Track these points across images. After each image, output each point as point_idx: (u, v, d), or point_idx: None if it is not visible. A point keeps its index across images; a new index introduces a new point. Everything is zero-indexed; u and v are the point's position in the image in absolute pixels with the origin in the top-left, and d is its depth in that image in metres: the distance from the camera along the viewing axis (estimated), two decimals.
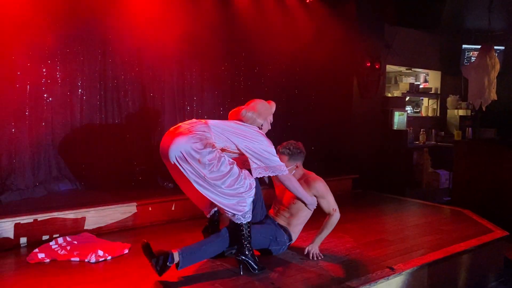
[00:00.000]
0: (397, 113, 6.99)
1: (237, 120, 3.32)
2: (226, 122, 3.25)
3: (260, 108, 3.41)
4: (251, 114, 3.32)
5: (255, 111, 3.35)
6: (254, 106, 3.40)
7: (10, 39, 4.30)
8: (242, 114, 3.31)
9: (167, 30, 5.23)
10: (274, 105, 3.59)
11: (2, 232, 3.55)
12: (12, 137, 4.40)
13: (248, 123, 3.30)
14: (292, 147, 3.61)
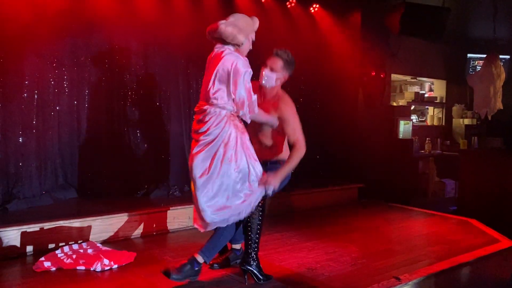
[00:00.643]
0: (403, 122, 6.98)
1: (216, 36, 2.95)
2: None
3: (241, 23, 3.00)
4: (231, 30, 2.90)
5: (235, 26, 2.94)
6: (234, 21, 2.98)
7: (18, 49, 4.36)
8: (220, 30, 2.89)
9: (173, 39, 5.29)
10: (257, 21, 3.19)
11: (9, 240, 3.57)
12: (19, 146, 4.43)
13: (228, 40, 2.92)
14: (290, 54, 3.26)
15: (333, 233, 4.46)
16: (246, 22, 3.04)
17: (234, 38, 2.92)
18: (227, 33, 2.90)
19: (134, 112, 5.14)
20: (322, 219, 5.09)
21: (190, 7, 5.37)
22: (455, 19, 6.50)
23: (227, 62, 2.90)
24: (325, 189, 5.92)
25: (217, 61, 2.92)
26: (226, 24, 2.91)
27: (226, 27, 2.89)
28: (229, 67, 2.89)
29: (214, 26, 2.93)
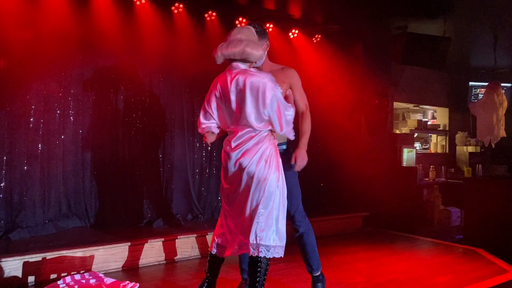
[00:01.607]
0: (406, 150, 6.98)
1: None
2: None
3: (253, 37, 2.84)
4: (257, 51, 2.76)
5: (254, 44, 2.78)
6: (248, 38, 2.79)
7: (24, 78, 4.43)
8: (246, 52, 2.74)
9: (177, 68, 5.40)
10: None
11: (11, 270, 3.54)
12: (23, 175, 4.44)
13: (252, 60, 2.79)
14: (256, 24, 3.09)
15: (338, 263, 4.40)
16: (253, 33, 2.89)
17: (260, 57, 2.85)
18: (255, 55, 2.77)
19: (138, 140, 5.17)
20: (327, 248, 5.02)
21: (194, 37, 5.47)
22: (456, 48, 6.58)
23: (255, 85, 2.72)
24: (329, 218, 5.87)
25: (245, 86, 2.73)
26: (246, 45, 2.74)
27: (252, 50, 2.74)
28: (260, 89, 2.72)
29: (235, 48, 2.74)
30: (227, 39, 2.82)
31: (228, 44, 2.78)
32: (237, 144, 2.81)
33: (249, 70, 2.79)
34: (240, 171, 2.79)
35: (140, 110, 5.20)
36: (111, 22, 4.91)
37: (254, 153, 2.78)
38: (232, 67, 2.83)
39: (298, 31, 6.34)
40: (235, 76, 2.77)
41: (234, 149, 2.81)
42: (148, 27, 5.15)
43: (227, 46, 2.77)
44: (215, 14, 5.59)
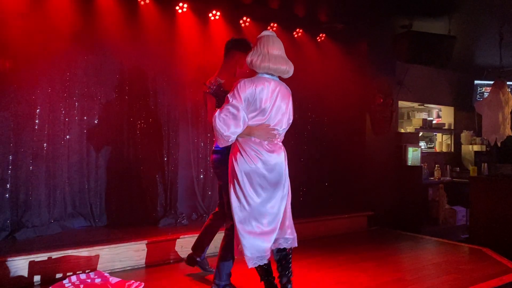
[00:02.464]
0: (411, 149, 6.95)
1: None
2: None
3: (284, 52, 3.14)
4: (291, 72, 3.12)
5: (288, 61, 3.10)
6: (283, 54, 3.11)
7: (30, 79, 4.44)
8: (291, 71, 3.12)
9: (181, 67, 5.40)
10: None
11: (17, 270, 3.55)
12: (29, 175, 4.46)
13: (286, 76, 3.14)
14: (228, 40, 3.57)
15: (343, 262, 4.39)
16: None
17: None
18: (290, 74, 3.13)
19: (143, 140, 5.18)
20: (332, 247, 5.02)
21: (198, 36, 5.48)
22: (461, 47, 6.55)
23: (288, 96, 3.16)
24: (334, 217, 5.86)
25: (287, 95, 3.15)
26: (290, 66, 3.08)
27: (292, 71, 3.10)
28: (290, 102, 3.18)
29: (283, 66, 3.03)
30: (267, 51, 3.00)
31: (275, 59, 3.00)
32: (273, 147, 3.06)
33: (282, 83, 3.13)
34: (277, 172, 3.06)
35: (144, 110, 5.20)
36: (116, 23, 4.93)
37: (282, 154, 3.13)
38: (263, 77, 3.02)
39: (302, 31, 6.33)
40: (276, 87, 3.04)
41: (271, 152, 3.04)
42: (152, 27, 5.16)
43: (275, 61, 3.00)
44: (219, 14, 5.59)
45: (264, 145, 3.01)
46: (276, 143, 3.09)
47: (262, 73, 3.02)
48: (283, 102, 3.08)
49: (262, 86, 2.97)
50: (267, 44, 3.03)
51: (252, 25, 5.87)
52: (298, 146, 6.53)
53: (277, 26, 6.08)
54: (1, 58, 4.32)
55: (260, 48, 3.01)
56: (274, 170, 3.03)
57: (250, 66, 3.02)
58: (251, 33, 5.90)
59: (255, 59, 2.98)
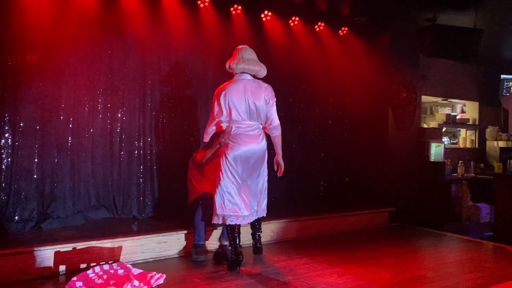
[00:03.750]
0: (434, 145, 6.84)
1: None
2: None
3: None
4: (263, 72, 4.08)
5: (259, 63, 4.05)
6: (256, 60, 4.02)
7: (55, 74, 4.54)
8: (262, 71, 4.04)
9: (203, 61, 5.47)
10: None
11: (43, 259, 3.65)
12: (54, 167, 4.57)
13: (261, 75, 4.08)
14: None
15: (363, 258, 4.37)
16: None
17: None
18: (263, 74, 4.06)
19: (165, 134, 5.24)
20: (352, 243, 5.00)
21: (220, 31, 5.50)
22: (488, 40, 6.39)
23: (270, 92, 3.98)
24: (355, 213, 5.83)
25: (262, 91, 3.93)
26: (262, 67, 3.99)
27: (264, 71, 4.02)
28: (271, 96, 3.97)
29: (255, 67, 3.95)
30: (241, 57, 3.92)
31: (247, 61, 3.91)
32: (252, 133, 3.91)
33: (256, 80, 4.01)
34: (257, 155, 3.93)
35: (167, 104, 5.26)
36: (139, 19, 4.99)
37: (262, 140, 3.96)
38: (242, 76, 3.94)
39: (323, 24, 6.27)
40: (250, 83, 3.92)
41: (251, 137, 3.89)
42: (174, 22, 5.20)
43: (248, 63, 3.90)
44: (240, 8, 5.59)
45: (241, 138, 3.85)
46: (252, 135, 3.88)
47: (239, 73, 3.92)
48: (255, 98, 3.86)
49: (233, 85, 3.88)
50: (241, 52, 3.94)
51: (273, 19, 5.86)
52: (319, 140, 6.50)
53: (298, 20, 6.05)
54: (28, 53, 4.42)
55: (236, 56, 3.95)
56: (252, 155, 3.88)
57: (229, 69, 3.96)
58: (272, 27, 5.89)
59: (232, 63, 3.92)
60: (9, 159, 4.34)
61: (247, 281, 3.62)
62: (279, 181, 6.11)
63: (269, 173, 4.20)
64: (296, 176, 6.26)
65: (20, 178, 4.39)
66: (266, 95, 3.90)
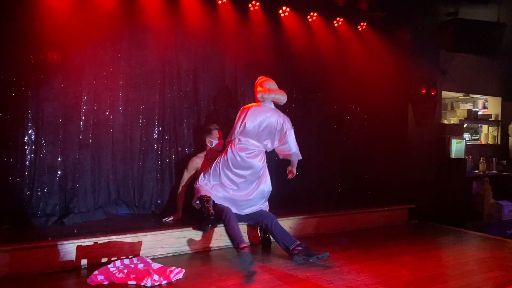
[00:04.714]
0: (455, 141, 6.73)
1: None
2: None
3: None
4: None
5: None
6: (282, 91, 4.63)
7: (76, 70, 4.62)
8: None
9: (221, 58, 5.49)
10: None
11: (65, 253, 3.73)
12: (76, 163, 4.65)
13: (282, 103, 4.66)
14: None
15: (382, 255, 4.34)
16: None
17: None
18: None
19: (183, 132, 5.28)
20: (371, 240, 4.96)
21: (238, 27, 5.52)
22: (510, 34, 6.25)
23: (287, 122, 4.63)
24: (374, 210, 5.79)
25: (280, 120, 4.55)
26: (284, 95, 4.59)
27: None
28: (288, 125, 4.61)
29: (283, 96, 4.59)
30: (271, 87, 4.54)
31: (277, 92, 4.55)
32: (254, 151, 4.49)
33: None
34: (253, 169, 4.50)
35: (185, 104, 5.29)
36: (157, 16, 5.03)
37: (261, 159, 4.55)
38: (267, 103, 4.55)
39: (342, 20, 6.22)
40: (273, 112, 4.54)
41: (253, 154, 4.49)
42: (192, 19, 5.23)
43: (279, 93, 4.56)
44: (258, 4, 5.59)
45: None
46: (254, 152, 4.47)
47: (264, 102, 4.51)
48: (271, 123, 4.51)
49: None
50: (267, 83, 4.56)
51: (291, 15, 5.84)
52: (337, 137, 6.46)
53: (317, 16, 6.01)
54: (50, 51, 4.50)
55: (264, 86, 4.55)
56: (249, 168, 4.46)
57: (261, 99, 4.54)
58: (290, 23, 5.87)
59: (264, 94, 4.51)
60: (32, 155, 4.44)
61: (265, 276, 3.63)
62: (298, 177, 6.11)
63: (286, 170, 4.53)
64: (314, 173, 6.24)
65: (43, 174, 4.48)
66: (281, 124, 4.52)
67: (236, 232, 4.01)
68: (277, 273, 3.72)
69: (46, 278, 3.52)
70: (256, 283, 3.46)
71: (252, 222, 4.55)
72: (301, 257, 3.97)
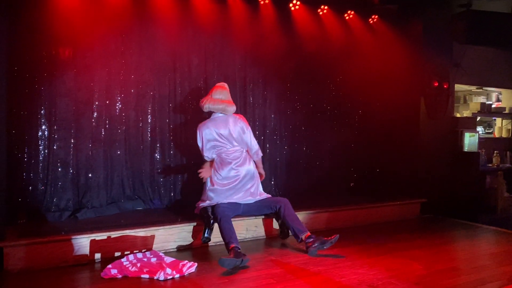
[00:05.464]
0: (468, 134, 6.66)
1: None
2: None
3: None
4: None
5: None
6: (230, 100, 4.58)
7: (87, 66, 4.65)
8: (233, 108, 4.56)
9: (230, 51, 5.49)
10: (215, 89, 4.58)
11: (79, 248, 3.78)
12: (89, 158, 4.70)
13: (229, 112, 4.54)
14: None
15: (395, 249, 4.32)
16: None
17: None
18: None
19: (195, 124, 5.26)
20: (383, 234, 4.94)
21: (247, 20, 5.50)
22: None
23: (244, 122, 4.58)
24: (386, 204, 5.75)
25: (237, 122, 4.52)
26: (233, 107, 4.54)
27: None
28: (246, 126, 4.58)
29: (230, 107, 4.50)
30: (217, 98, 4.48)
31: (223, 103, 4.48)
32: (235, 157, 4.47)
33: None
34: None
35: (196, 96, 5.30)
36: (166, 11, 5.03)
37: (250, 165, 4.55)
38: (216, 115, 4.52)
39: (353, 12, 6.17)
40: (229, 119, 4.50)
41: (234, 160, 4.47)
42: (202, 14, 5.22)
43: (224, 104, 4.48)
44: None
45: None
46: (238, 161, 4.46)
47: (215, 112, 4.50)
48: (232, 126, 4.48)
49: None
50: (215, 92, 4.52)
51: (301, 8, 5.81)
52: (349, 131, 6.43)
53: (327, 9, 5.97)
54: (62, 47, 4.54)
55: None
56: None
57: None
58: (300, 16, 5.84)
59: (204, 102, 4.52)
60: (46, 151, 4.50)
61: (277, 270, 3.64)
62: (309, 172, 6.14)
63: (298, 165, 4.27)
64: (326, 167, 6.23)
65: (56, 169, 4.54)
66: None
67: (226, 232, 3.96)
68: (289, 267, 3.72)
69: (61, 272, 3.57)
70: (268, 277, 3.47)
71: (267, 210, 4.48)
72: (316, 249, 4.03)
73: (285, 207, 4.33)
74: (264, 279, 3.44)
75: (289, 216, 4.29)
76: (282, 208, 4.33)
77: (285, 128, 5.95)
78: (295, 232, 4.20)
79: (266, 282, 3.37)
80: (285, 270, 3.66)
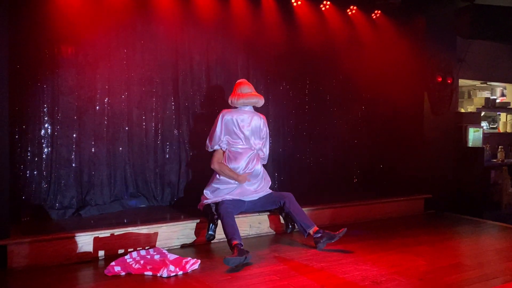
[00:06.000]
0: (472, 130, 6.62)
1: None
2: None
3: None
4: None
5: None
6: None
7: (90, 63, 4.64)
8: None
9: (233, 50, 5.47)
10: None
11: (83, 245, 3.79)
12: (92, 156, 4.70)
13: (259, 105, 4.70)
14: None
15: (398, 245, 4.30)
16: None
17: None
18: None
19: (198, 121, 5.28)
20: (387, 230, 4.93)
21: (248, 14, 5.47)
22: None
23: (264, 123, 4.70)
24: (390, 200, 5.74)
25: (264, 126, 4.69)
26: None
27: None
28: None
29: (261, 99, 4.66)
30: (247, 92, 4.57)
31: (255, 96, 4.61)
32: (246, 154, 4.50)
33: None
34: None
35: (198, 93, 5.30)
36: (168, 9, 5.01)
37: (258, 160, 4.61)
38: (244, 108, 4.61)
39: (356, 8, 6.13)
40: (255, 117, 4.63)
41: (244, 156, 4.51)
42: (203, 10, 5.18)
43: (256, 97, 4.62)
44: None
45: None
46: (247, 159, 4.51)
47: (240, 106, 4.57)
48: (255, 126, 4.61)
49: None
50: (244, 86, 4.62)
51: (304, 4, 5.77)
52: (352, 126, 6.41)
53: (330, 4, 5.94)
54: (64, 44, 4.53)
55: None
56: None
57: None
58: (303, 12, 5.81)
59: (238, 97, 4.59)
60: (49, 149, 4.50)
61: (280, 267, 3.63)
62: (313, 168, 6.13)
63: (301, 161, 4.25)
64: (329, 163, 6.22)
65: (60, 167, 4.54)
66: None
67: (229, 228, 3.94)
68: (293, 264, 3.72)
69: (65, 269, 3.58)
70: (271, 274, 3.47)
71: (272, 206, 4.50)
72: (324, 243, 4.07)
73: (290, 202, 4.33)
74: (268, 275, 3.44)
75: (294, 210, 4.29)
76: (286, 202, 4.33)
77: (288, 124, 5.93)
78: (302, 227, 4.20)
79: (269, 278, 3.36)
80: (289, 266, 3.65)
